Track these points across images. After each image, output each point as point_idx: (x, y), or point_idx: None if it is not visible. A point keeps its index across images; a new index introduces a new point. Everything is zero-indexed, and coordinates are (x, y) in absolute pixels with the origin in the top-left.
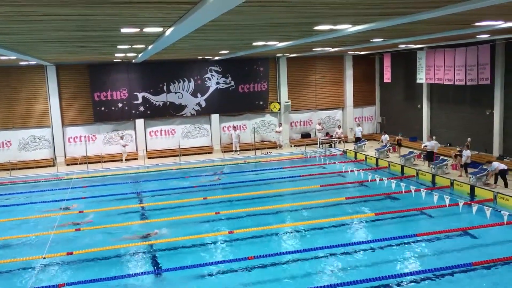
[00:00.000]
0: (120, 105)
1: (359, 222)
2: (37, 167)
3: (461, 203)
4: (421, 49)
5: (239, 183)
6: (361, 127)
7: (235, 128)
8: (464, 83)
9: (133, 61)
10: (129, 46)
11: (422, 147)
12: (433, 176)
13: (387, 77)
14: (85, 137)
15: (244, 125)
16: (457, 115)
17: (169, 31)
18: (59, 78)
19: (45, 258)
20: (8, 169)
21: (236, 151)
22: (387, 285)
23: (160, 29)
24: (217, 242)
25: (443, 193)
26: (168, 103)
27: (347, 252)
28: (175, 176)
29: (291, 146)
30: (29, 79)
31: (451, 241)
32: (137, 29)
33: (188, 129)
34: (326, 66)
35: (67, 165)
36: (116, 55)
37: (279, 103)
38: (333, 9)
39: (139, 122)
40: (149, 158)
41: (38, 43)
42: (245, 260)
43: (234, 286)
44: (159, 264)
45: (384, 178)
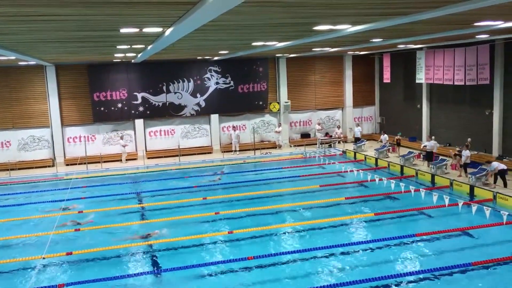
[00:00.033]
0: (119, 105)
1: (359, 222)
2: (37, 167)
3: (461, 203)
4: (421, 49)
5: (238, 183)
6: (360, 127)
7: (234, 128)
8: (463, 83)
9: (133, 61)
10: (129, 46)
11: (421, 147)
12: (433, 176)
13: (387, 77)
14: (84, 137)
15: (243, 125)
16: (456, 115)
17: (168, 31)
18: (59, 78)
19: (44, 258)
20: (7, 169)
21: (235, 151)
22: (386, 285)
23: (159, 29)
24: (216, 242)
25: (443, 193)
26: (167, 103)
27: (347, 252)
28: (174, 176)
29: (291, 146)
30: (28, 79)
31: (451, 241)
32: (137, 29)
33: (187, 129)
34: (325, 66)
35: (67, 165)
36: (115, 55)
37: (278, 103)
38: (333, 9)
39: (139, 122)
40: (148, 158)
41: (37, 43)
42: (244, 260)
43: (234, 286)
44: (159, 264)
45: (383, 178)
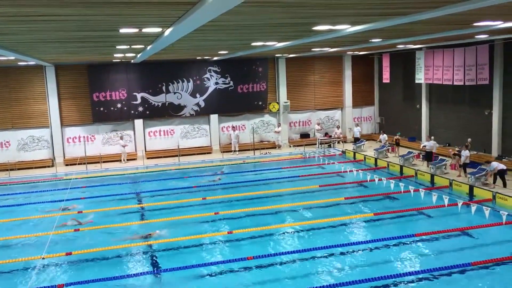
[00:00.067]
0: (119, 106)
1: (358, 222)
2: (36, 168)
3: (460, 203)
4: (420, 49)
5: (238, 183)
6: (359, 127)
7: (234, 128)
8: (462, 83)
9: (132, 61)
10: (128, 46)
11: (421, 147)
12: (432, 176)
13: (386, 77)
14: (84, 137)
15: (243, 125)
16: (455, 115)
17: (168, 31)
18: (58, 78)
19: (44, 258)
20: (7, 170)
21: (235, 151)
22: (386, 285)
23: (159, 30)
24: (216, 242)
25: (442, 193)
26: (167, 103)
27: (346, 252)
28: (174, 176)
29: (290, 146)
30: (28, 80)
31: (450, 241)
32: (136, 30)
33: (187, 129)
34: (325, 66)
35: (66, 165)
36: (115, 55)
37: (278, 103)
38: (332, 9)
39: (138, 122)
40: (148, 158)
41: (37, 43)
42: (244, 260)
43: (233, 286)
44: (158, 264)
45: (383, 178)
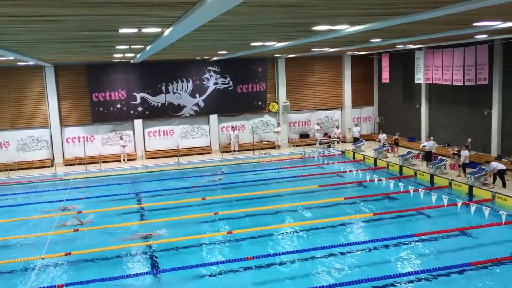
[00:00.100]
0: (118, 106)
1: (358, 222)
2: (36, 168)
3: (460, 203)
4: (420, 49)
5: (237, 183)
6: (359, 127)
7: (233, 128)
8: (462, 83)
9: (132, 61)
10: (128, 46)
11: (420, 147)
12: (432, 176)
13: (386, 77)
14: (83, 137)
15: (242, 125)
16: (455, 115)
17: (167, 31)
18: (58, 78)
19: (43, 258)
20: (6, 170)
21: (234, 151)
22: (385, 285)
23: (158, 30)
24: (216, 242)
25: (442, 193)
26: (166, 103)
27: (346, 252)
28: (173, 176)
29: (290, 146)
30: (27, 80)
31: (449, 241)
32: (136, 30)
33: (186, 129)
34: (324, 66)
35: (66, 165)
36: (114, 55)
37: (277, 103)
38: (332, 9)
39: (138, 122)
40: (147, 158)
41: (38, 43)
42: (244, 260)
43: (233, 286)
44: (158, 264)
45: (382, 178)
